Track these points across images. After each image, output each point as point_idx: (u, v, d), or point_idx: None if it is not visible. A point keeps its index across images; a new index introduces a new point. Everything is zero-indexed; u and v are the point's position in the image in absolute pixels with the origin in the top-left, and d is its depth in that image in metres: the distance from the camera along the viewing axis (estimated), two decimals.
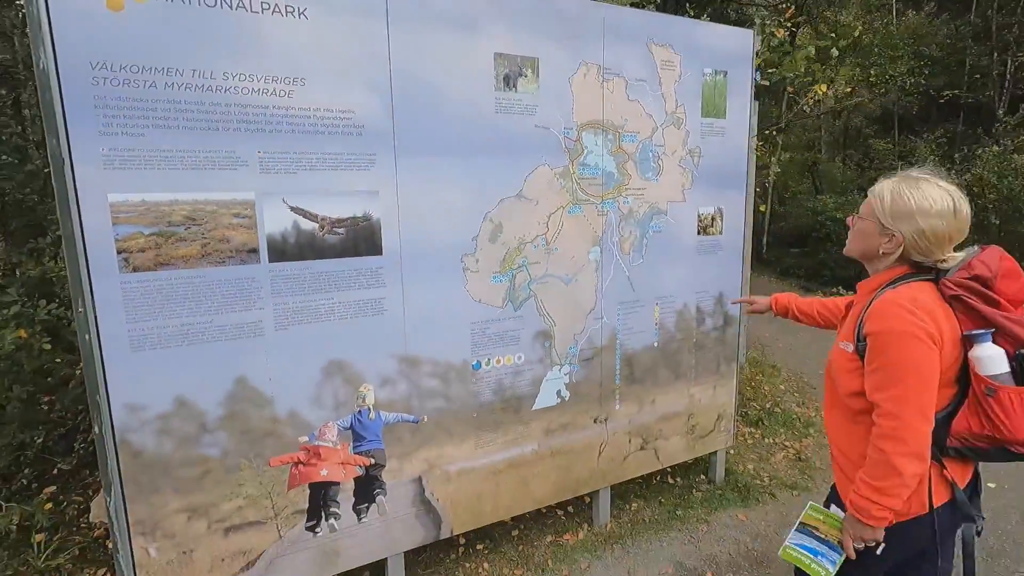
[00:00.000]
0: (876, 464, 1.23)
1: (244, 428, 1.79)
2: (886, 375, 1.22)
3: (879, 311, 1.26)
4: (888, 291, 1.29)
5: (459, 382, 2.16)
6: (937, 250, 1.28)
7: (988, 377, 1.20)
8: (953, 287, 1.25)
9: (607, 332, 2.47)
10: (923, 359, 1.19)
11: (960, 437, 1.25)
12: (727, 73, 2.60)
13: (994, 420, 1.19)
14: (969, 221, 1.29)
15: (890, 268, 1.35)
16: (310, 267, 1.81)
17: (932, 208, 1.25)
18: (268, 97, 1.69)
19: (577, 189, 2.29)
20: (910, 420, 1.19)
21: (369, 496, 2.04)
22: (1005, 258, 1.28)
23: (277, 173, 1.73)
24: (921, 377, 1.19)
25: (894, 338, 1.21)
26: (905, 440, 1.19)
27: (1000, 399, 1.18)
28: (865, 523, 1.27)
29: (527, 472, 2.37)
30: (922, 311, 1.21)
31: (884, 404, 1.22)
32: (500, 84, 2.06)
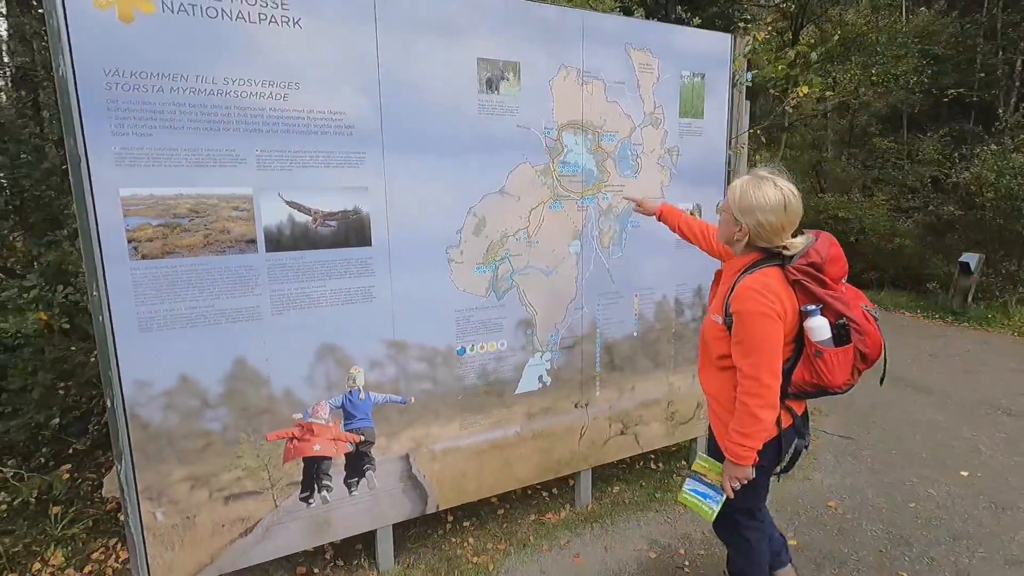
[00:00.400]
0: (742, 415, 1.59)
1: (243, 405, 1.95)
2: (746, 346, 1.57)
3: (740, 295, 1.58)
4: (747, 276, 1.61)
5: (444, 366, 2.30)
6: (775, 238, 1.61)
7: (817, 342, 1.56)
8: (795, 273, 1.58)
9: (587, 321, 2.61)
10: (772, 333, 1.55)
11: (797, 385, 1.63)
12: (705, 75, 2.72)
13: (820, 372, 1.57)
14: (799, 214, 1.61)
15: (745, 253, 1.69)
16: (304, 257, 1.96)
17: (767, 205, 1.58)
18: (265, 100, 1.84)
19: (557, 186, 2.42)
20: (765, 380, 1.55)
21: (359, 471, 2.20)
22: (833, 245, 1.62)
23: (273, 170, 1.88)
24: (771, 347, 1.55)
25: (751, 317, 1.55)
26: (762, 395, 1.55)
27: (825, 358, 1.56)
28: (738, 464, 1.62)
29: (510, 453, 2.51)
30: (771, 294, 1.55)
31: (745, 368, 1.58)
32: (483, 87, 2.20)
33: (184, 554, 1.93)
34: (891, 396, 4.38)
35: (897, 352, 5.58)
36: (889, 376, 4.74)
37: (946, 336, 6.22)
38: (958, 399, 4.30)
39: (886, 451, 3.43)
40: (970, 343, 5.92)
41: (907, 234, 9.15)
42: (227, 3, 1.75)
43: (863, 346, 1.58)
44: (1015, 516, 2.73)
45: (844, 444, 3.53)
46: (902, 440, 3.59)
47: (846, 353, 1.57)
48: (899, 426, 3.81)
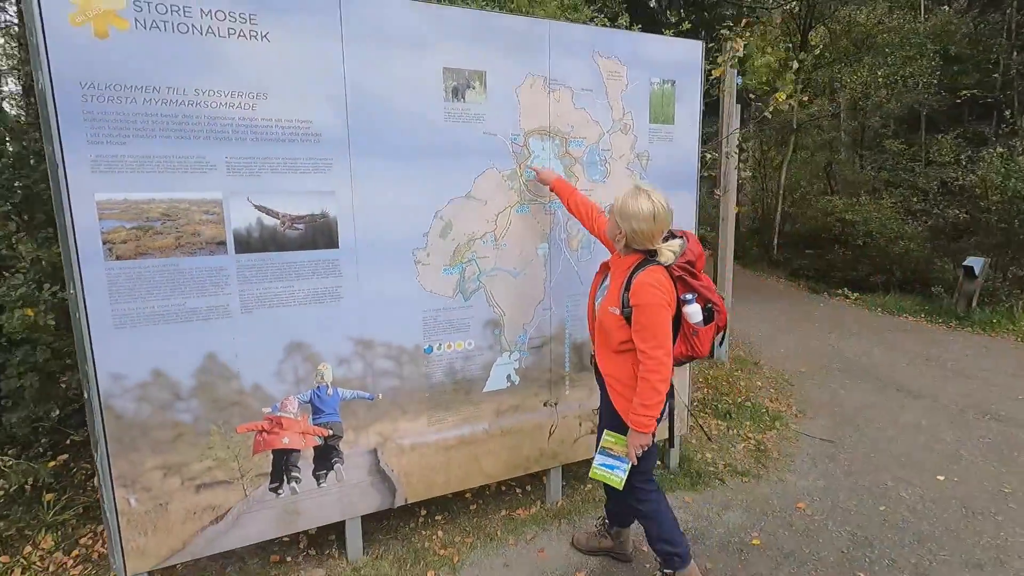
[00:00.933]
0: (644, 391, 1.90)
1: (213, 398, 2.05)
2: (648, 331, 1.89)
3: (639, 290, 1.89)
4: (640, 273, 1.92)
5: (412, 364, 2.39)
6: (647, 242, 1.94)
7: (694, 324, 2.00)
8: (677, 270, 1.97)
9: (556, 322, 2.68)
10: (666, 320, 1.89)
11: (675, 358, 2.01)
12: (675, 82, 2.78)
13: (694, 345, 2.03)
14: (667, 223, 1.96)
15: (629, 253, 2.01)
16: (272, 258, 2.07)
17: (640, 214, 1.90)
18: (234, 110, 1.94)
19: (525, 190, 2.50)
20: (663, 359, 1.88)
21: (327, 464, 2.29)
22: (698, 244, 2.06)
23: (242, 175, 1.98)
24: (665, 331, 1.89)
25: (652, 308, 1.88)
26: (660, 371, 1.88)
27: (700, 336, 2.01)
28: (643, 432, 1.94)
29: (478, 449, 2.59)
30: (663, 288, 1.90)
31: (647, 351, 1.88)
32: (449, 95, 2.28)
33: (157, 539, 2.04)
34: (879, 399, 4.37)
35: (892, 356, 5.56)
36: (877, 379, 4.81)
37: (946, 341, 6.16)
38: (947, 403, 4.28)
39: (864, 454, 3.44)
40: (970, 348, 5.85)
41: (914, 237, 9.04)
42: (198, 19, 1.86)
43: (720, 322, 2.08)
44: (984, 520, 2.74)
45: (823, 447, 3.55)
46: (882, 443, 3.59)
47: (710, 329, 2.04)
48: (882, 429, 3.81)
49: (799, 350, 5.80)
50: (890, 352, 5.70)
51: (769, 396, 4.42)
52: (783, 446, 3.55)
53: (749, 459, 3.36)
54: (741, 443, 3.57)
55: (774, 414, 4.00)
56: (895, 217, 9.56)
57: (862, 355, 5.60)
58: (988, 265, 7.12)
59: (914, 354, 5.62)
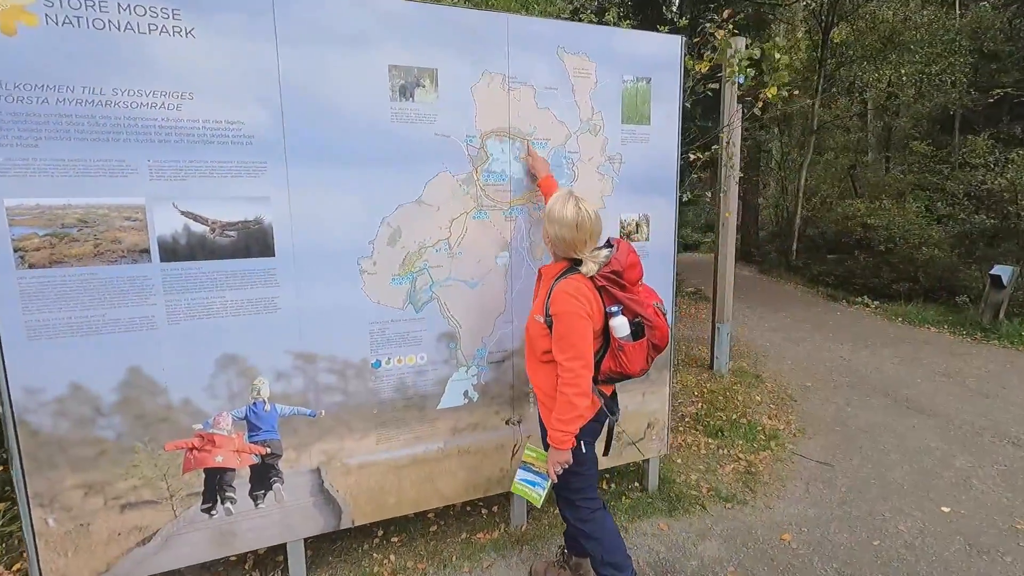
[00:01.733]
0: (562, 404, 1.79)
1: (138, 413, 1.95)
2: (564, 342, 1.79)
3: (557, 298, 1.80)
4: (562, 282, 1.83)
5: (358, 379, 2.25)
6: (570, 250, 1.86)
7: (619, 338, 1.84)
8: (600, 279, 1.85)
9: (519, 335, 2.51)
10: (584, 330, 1.78)
11: (604, 373, 1.91)
12: (651, 80, 2.59)
13: (622, 362, 1.86)
14: (592, 233, 1.85)
15: (557, 261, 1.94)
16: (202, 267, 1.95)
17: (564, 220, 1.82)
18: (157, 111, 1.84)
19: (482, 195, 2.34)
20: (579, 371, 1.77)
21: (265, 483, 2.17)
22: (631, 253, 1.91)
23: (167, 180, 1.88)
24: (584, 342, 1.78)
25: (567, 318, 1.77)
26: (578, 384, 1.77)
27: (626, 351, 1.85)
28: (560, 449, 1.82)
29: (433, 469, 2.44)
30: (583, 298, 1.79)
31: (564, 363, 1.78)
32: (396, 95, 2.14)
33: (78, 561, 1.94)
34: (887, 418, 4.09)
35: (908, 370, 5.23)
36: (888, 396, 4.52)
37: (969, 354, 5.79)
38: (962, 424, 3.98)
39: (864, 480, 3.19)
40: (994, 363, 5.48)
41: (940, 243, 8.60)
42: (115, 14, 1.76)
43: (655, 339, 1.90)
44: (990, 561, 2.48)
45: (820, 471, 3.31)
46: (885, 468, 3.33)
47: (642, 346, 1.87)
48: (886, 452, 3.54)
49: (807, 362, 5.52)
50: (906, 366, 5.38)
51: (768, 412, 4.17)
52: (776, 468, 3.32)
53: (737, 482, 3.15)
54: (730, 464, 3.35)
55: (771, 432, 3.76)
56: (920, 222, 9.13)
57: (875, 369, 5.29)
58: (1017, 274, 6.70)
59: (932, 368, 5.28)
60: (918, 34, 10.16)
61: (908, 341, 6.33)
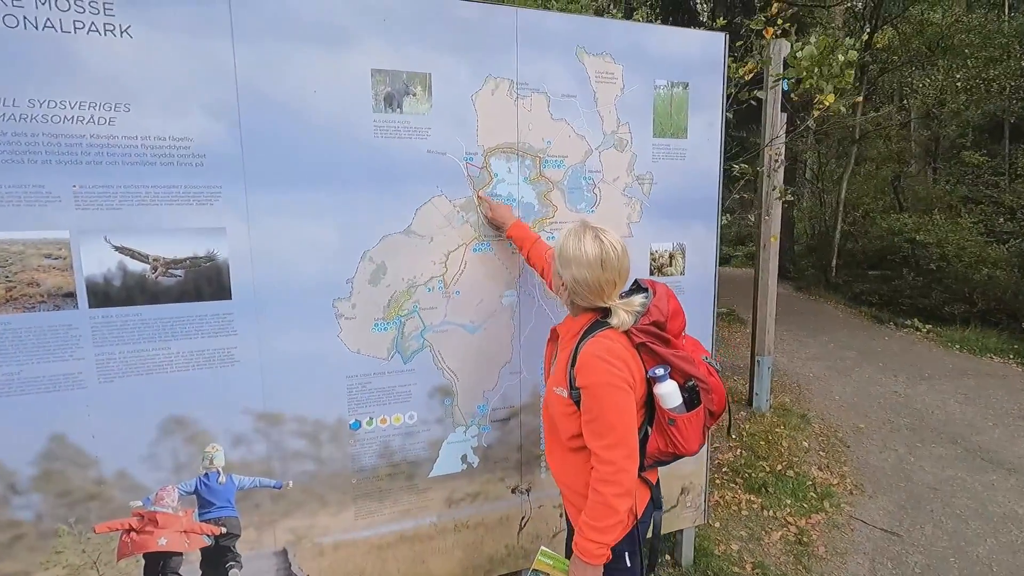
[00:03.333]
0: (597, 506, 1.36)
1: (62, 490, 1.61)
2: (599, 425, 1.36)
3: (585, 365, 1.37)
4: (588, 342, 1.40)
5: (333, 443, 1.88)
6: (593, 297, 1.43)
7: (669, 410, 1.42)
8: (639, 335, 1.42)
9: (528, 389, 2.12)
10: (625, 406, 1.35)
11: (652, 456, 1.47)
12: (688, 85, 2.19)
13: (674, 440, 1.43)
14: (621, 272, 1.43)
15: (580, 314, 1.50)
16: (140, 313, 1.62)
17: (583, 259, 1.40)
18: (84, 125, 1.51)
19: (485, 224, 1.97)
20: (622, 464, 1.34)
21: (220, 569, 1.81)
22: (672, 299, 1.50)
23: (97, 209, 1.55)
24: (625, 422, 1.35)
25: (600, 390, 1.35)
26: (620, 482, 1.34)
27: (679, 425, 1.42)
28: (590, 563, 1.37)
29: (424, 547, 2.06)
30: (618, 360, 1.36)
31: (601, 452, 1.35)
32: (380, 104, 1.79)
33: None
34: (959, 472, 3.54)
35: (976, 410, 4.64)
36: (957, 443, 3.93)
37: None
38: None
39: (940, 557, 2.68)
40: None
41: (1000, 262, 7.89)
42: (31, 10, 1.44)
43: (711, 405, 1.48)
44: None
45: (885, 542, 2.80)
46: (966, 542, 2.81)
47: (698, 416, 1.45)
48: (964, 519, 3.01)
49: (858, 398, 4.96)
50: (973, 405, 4.78)
51: (818, 462, 3.66)
52: (832, 538, 2.83)
53: (786, 556, 2.67)
54: (778, 530, 2.87)
55: (823, 490, 3.26)
56: (976, 238, 8.42)
57: (936, 408, 4.71)
58: None
59: (1004, 409, 4.68)
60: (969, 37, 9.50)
61: (971, 374, 5.70)
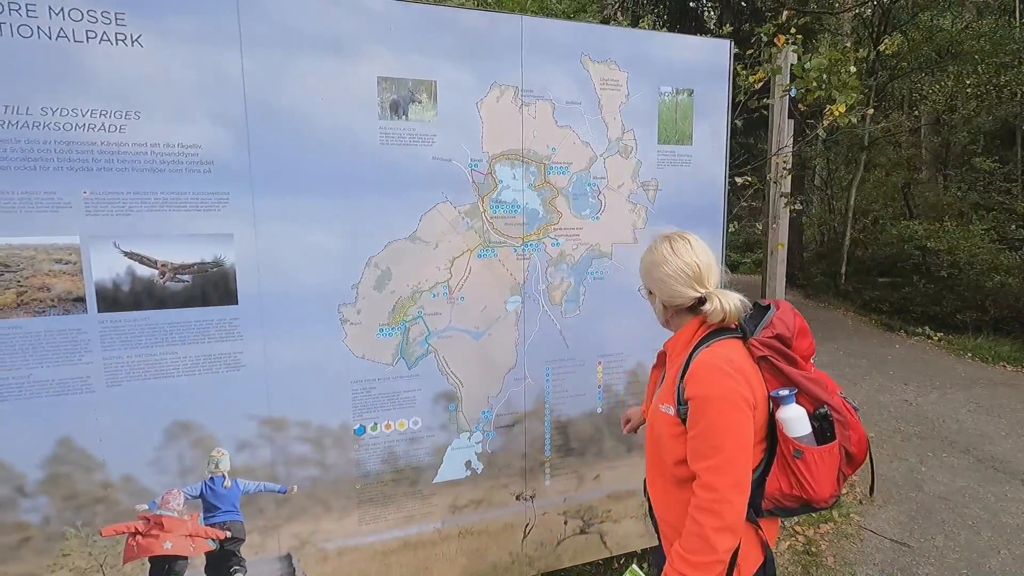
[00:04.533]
0: (692, 537, 1.18)
1: (69, 493, 1.63)
2: (705, 444, 1.17)
3: (698, 375, 1.20)
4: (704, 351, 1.24)
5: (337, 449, 1.89)
6: (686, 285, 1.29)
7: (794, 439, 1.19)
8: (760, 347, 1.24)
9: (533, 395, 2.11)
10: (739, 426, 1.16)
11: (772, 498, 1.22)
12: (693, 91, 2.19)
13: (801, 480, 1.18)
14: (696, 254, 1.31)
15: (683, 323, 1.34)
16: (148, 318, 1.63)
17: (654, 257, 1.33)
18: (95, 133, 1.53)
19: (489, 230, 1.97)
20: (726, 493, 1.15)
21: (224, 573, 1.82)
22: (797, 315, 1.32)
23: (107, 215, 1.57)
24: (737, 444, 1.16)
25: (712, 404, 1.17)
26: (721, 514, 1.15)
27: (806, 460, 1.18)
28: None
29: (428, 553, 2.05)
30: (738, 374, 1.19)
31: (703, 475, 1.17)
32: (386, 112, 1.80)
33: None
34: (970, 482, 3.49)
35: (988, 419, 4.58)
36: (968, 453, 3.88)
37: None
38: None
39: (953, 569, 2.64)
40: None
41: (1012, 269, 7.80)
42: (45, 20, 1.47)
43: (848, 444, 1.23)
44: None
45: (896, 553, 2.76)
46: (978, 554, 2.76)
47: (831, 453, 1.20)
48: (976, 530, 2.96)
49: (868, 406, 4.91)
50: (985, 413, 4.72)
51: None
52: (842, 548, 2.79)
53: (795, 565, 2.64)
54: (785, 540, 2.84)
55: None
56: (988, 245, 8.33)
57: (948, 417, 4.65)
58: None
59: (1017, 419, 4.61)
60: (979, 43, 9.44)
61: (983, 382, 5.63)
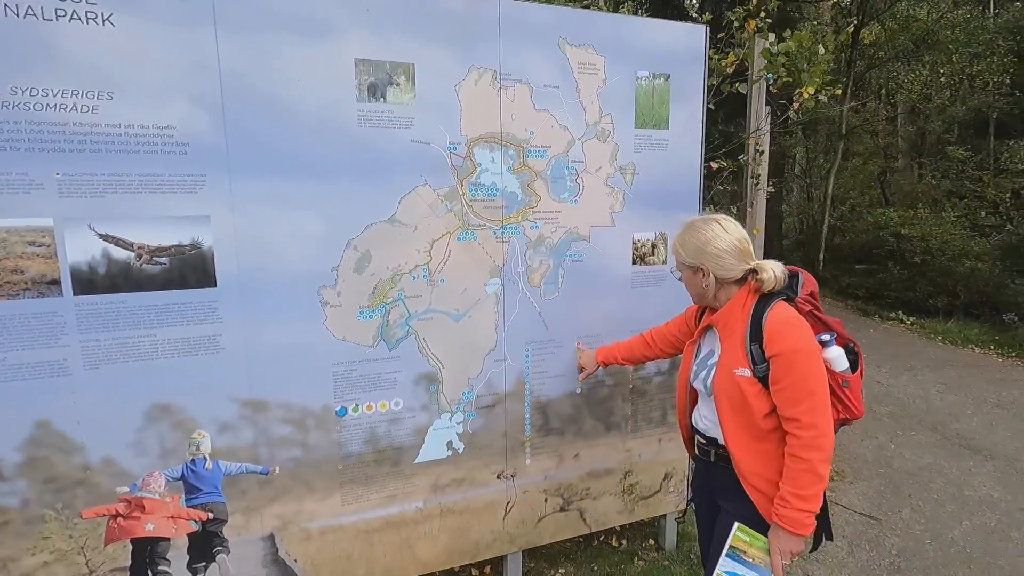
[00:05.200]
0: (801, 474, 1.36)
1: (48, 476, 1.62)
2: (799, 390, 1.37)
3: (782, 332, 1.40)
4: (773, 313, 1.43)
5: (319, 430, 1.91)
6: (740, 260, 1.49)
7: (840, 372, 1.48)
8: (805, 303, 1.51)
9: (513, 376, 2.15)
10: (821, 370, 1.40)
11: None
12: (669, 76, 2.22)
13: (848, 405, 1.48)
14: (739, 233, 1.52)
15: (732, 295, 1.53)
16: (125, 300, 1.63)
17: (709, 234, 1.50)
18: (67, 113, 1.52)
19: (469, 213, 1.99)
20: (824, 428, 1.36)
21: (207, 555, 1.83)
22: (811, 278, 1.57)
23: (81, 197, 1.56)
24: (824, 386, 1.39)
25: (799, 356, 1.38)
26: (823, 447, 1.36)
27: (852, 387, 1.49)
28: (799, 535, 1.38)
29: (411, 532, 2.09)
30: (806, 327, 1.43)
31: (802, 417, 1.36)
32: (364, 94, 1.80)
33: None
34: (937, 459, 3.62)
35: (956, 399, 4.74)
36: (936, 431, 4.02)
37: (1023, 380, 5.26)
38: None
39: (918, 540, 2.75)
40: None
41: (983, 255, 8.02)
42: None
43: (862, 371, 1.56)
44: None
45: (865, 526, 2.87)
46: (942, 525, 2.88)
47: (859, 378, 1.54)
48: (941, 504, 3.09)
49: None
50: (953, 394, 4.88)
51: None
52: None
53: None
54: None
55: None
56: (960, 232, 8.55)
57: (918, 397, 4.80)
58: None
59: (983, 397, 4.78)
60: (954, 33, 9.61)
61: (952, 364, 5.81)
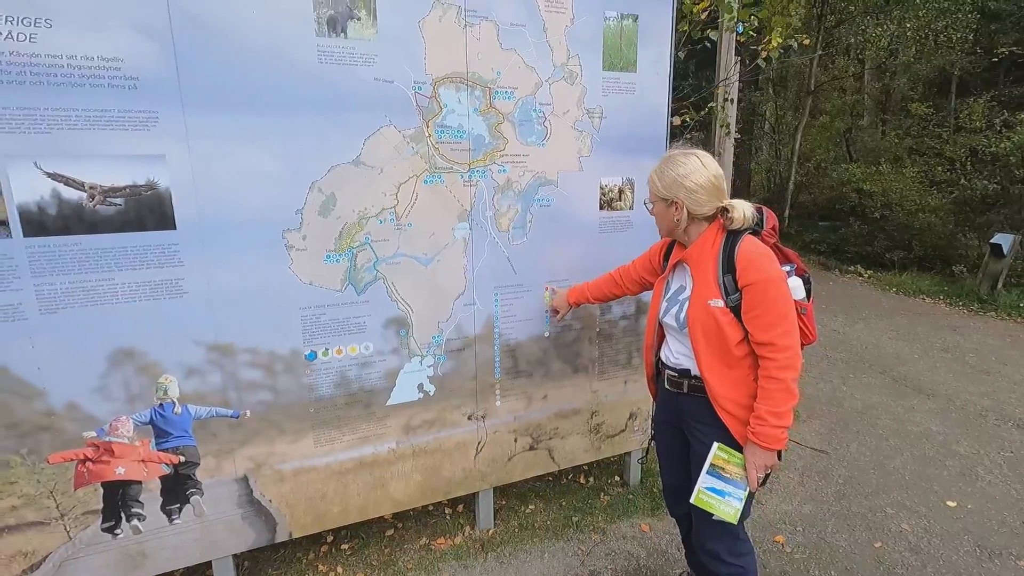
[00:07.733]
0: (777, 393, 1.45)
1: (10, 422, 1.60)
2: (771, 315, 1.45)
3: (752, 263, 1.47)
4: (742, 246, 1.51)
5: (288, 374, 1.92)
6: (714, 197, 1.55)
7: (799, 300, 1.55)
8: (769, 237, 1.59)
9: (482, 319, 2.18)
10: (789, 297, 1.48)
11: None
12: (638, 17, 2.19)
13: (805, 331, 1.58)
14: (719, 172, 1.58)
15: (702, 231, 1.59)
16: (80, 243, 1.58)
17: (689, 168, 1.55)
18: (3, 42, 1.43)
19: (435, 155, 1.97)
20: (796, 348, 1.46)
21: (181, 497, 1.85)
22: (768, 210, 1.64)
23: (24, 132, 1.48)
24: (792, 311, 1.48)
25: (771, 285, 1.46)
26: (795, 367, 1.46)
27: (808, 314, 1.60)
28: (772, 448, 1.47)
29: (384, 472, 2.14)
30: (774, 258, 1.51)
31: (777, 340, 1.45)
32: (324, 29, 1.74)
33: None
34: (885, 398, 3.85)
35: (905, 345, 5.00)
36: (885, 373, 4.25)
37: (967, 327, 5.57)
38: (963, 406, 3.75)
39: (862, 470, 2.95)
40: (993, 336, 5.27)
41: (937, 209, 8.31)
42: None
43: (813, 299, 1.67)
44: (1003, 566, 2.25)
45: (816, 459, 3.06)
46: (884, 456, 3.09)
47: (813, 305, 1.64)
48: (885, 437, 3.30)
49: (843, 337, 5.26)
50: (903, 340, 5.14)
51: None
52: None
53: None
54: None
55: None
56: (918, 188, 8.81)
57: (870, 343, 5.05)
58: (1019, 243, 6.45)
59: (929, 343, 5.05)
60: None
61: (903, 313, 6.10)
